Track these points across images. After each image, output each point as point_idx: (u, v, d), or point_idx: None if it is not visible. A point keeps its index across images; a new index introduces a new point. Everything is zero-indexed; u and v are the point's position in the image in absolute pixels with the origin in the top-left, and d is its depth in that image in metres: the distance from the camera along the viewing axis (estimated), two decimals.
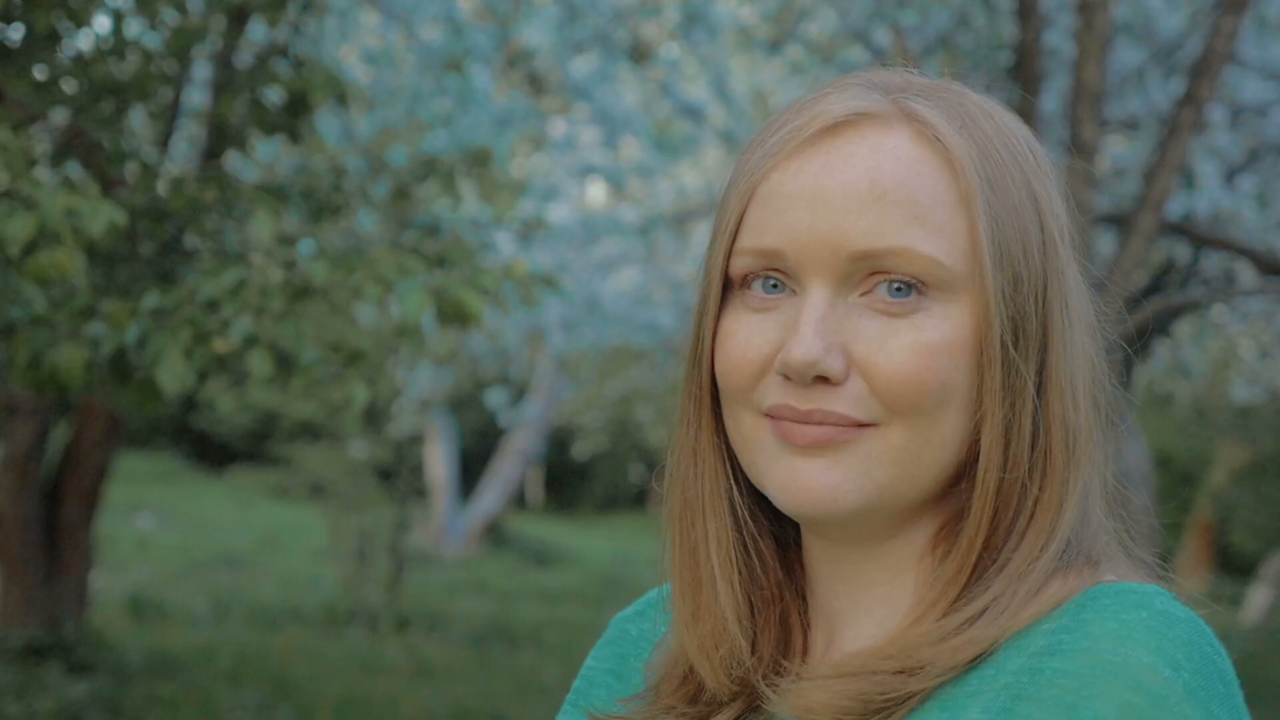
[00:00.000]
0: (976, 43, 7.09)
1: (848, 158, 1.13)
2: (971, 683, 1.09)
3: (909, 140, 1.14)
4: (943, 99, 1.18)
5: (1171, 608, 1.08)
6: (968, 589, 1.14)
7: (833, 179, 1.13)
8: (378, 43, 7.28)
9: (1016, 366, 1.13)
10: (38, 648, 8.10)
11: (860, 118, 1.15)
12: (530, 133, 8.91)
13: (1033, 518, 1.15)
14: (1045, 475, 1.15)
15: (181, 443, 25.41)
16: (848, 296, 1.13)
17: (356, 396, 4.24)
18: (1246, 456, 20.25)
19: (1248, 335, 10.98)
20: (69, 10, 4.74)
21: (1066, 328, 1.16)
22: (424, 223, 5.54)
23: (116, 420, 8.29)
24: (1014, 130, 1.19)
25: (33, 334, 4.09)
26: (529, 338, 12.72)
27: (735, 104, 8.43)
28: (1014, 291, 1.13)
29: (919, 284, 1.12)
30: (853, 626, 1.21)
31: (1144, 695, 1.02)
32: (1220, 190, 7.29)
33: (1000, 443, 1.13)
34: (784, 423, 1.15)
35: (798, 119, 1.17)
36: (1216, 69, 5.27)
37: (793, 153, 1.15)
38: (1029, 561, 1.13)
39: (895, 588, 1.19)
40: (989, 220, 1.13)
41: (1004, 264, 1.13)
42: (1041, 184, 1.18)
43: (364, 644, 11.63)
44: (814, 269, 1.13)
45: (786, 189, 1.14)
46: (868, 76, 1.20)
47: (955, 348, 1.13)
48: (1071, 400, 1.16)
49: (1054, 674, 1.05)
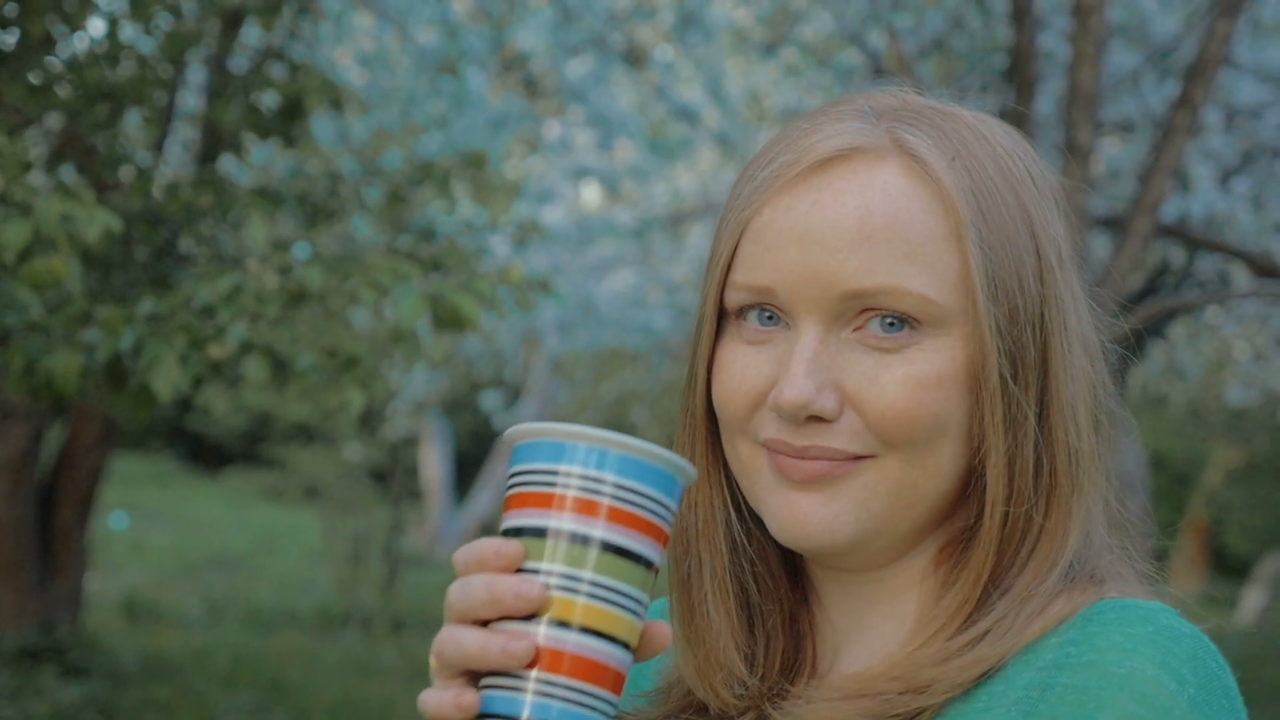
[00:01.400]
0: (971, 46, 7.09)
1: (838, 194, 1.13)
2: (981, 698, 1.10)
3: (899, 174, 1.14)
4: (935, 126, 1.17)
5: (1176, 623, 1.09)
6: (973, 614, 1.14)
7: (823, 217, 1.13)
8: (372, 45, 7.27)
9: (1017, 399, 1.13)
10: (32, 651, 8.09)
11: (851, 152, 1.15)
12: (525, 135, 8.92)
13: (1038, 544, 1.15)
14: (1050, 503, 1.15)
15: (176, 445, 25.38)
16: (840, 332, 1.14)
17: (352, 402, 4.24)
18: (1241, 458, 20.27)
19: (1242, 337, 10.99)
20: (63, 14, 4.74)
21: (1066, 352, 1.16)
22: (419, 226, 5.53)
23: (111, 423, 8.28)
24: (1009, 151, 1.19)
25: (28, 340, 4.08)
26: (524, 340, 12.72)
27: (730, 106, 8.43)
28: (1010, 324, 1.14)
29: (911, 319, 1.13)
30: (857, 643, 1.21)
31: (1149, 708, 1.03)
32: (1215, 193, 7.30)
33: (1004, 476, 1.14)
34: (780, 456, 1.16)
35: (788, 153, 1.16)
36: (1211, 72, 5.28)
37: (784, 188, 1.15)
38: (1033, 586, 1.14)
39: (898, 605, 1.20)
40: (981, 254, 1.13)
41: (999, 297, 1.13)
42: (1038, 207, 1.18)
43: (359, 646, 11.62)
44: (806, 307, 1.13)
45: (778, 226, 1.14)
46: (862, 100, 1.20)
47: (947, 380, 1.13)
48: (1074, 425, 1.16)
49: (1063, 689, 1.06)
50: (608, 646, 1.05)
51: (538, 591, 1.04)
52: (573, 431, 1.06)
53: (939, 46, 7.15)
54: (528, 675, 1.04)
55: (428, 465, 19.37)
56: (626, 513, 1.05)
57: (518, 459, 1.08)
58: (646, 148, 8.47)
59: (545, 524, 1.06)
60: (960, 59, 7.19)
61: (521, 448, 1.08)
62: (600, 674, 1.05)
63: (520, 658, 1.03)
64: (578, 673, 1.04)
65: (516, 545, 1.06)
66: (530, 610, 1.04)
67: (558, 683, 1.03)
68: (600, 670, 1.05)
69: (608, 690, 1.05)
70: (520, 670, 1.04)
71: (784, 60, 8.17)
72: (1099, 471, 1.19)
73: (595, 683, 1.04)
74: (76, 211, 3.86)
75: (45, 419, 8.34)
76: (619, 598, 1.05)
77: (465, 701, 1.04)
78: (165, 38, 5.00)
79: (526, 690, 1.04)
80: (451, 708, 1.04)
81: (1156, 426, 18.43)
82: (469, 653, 1.05)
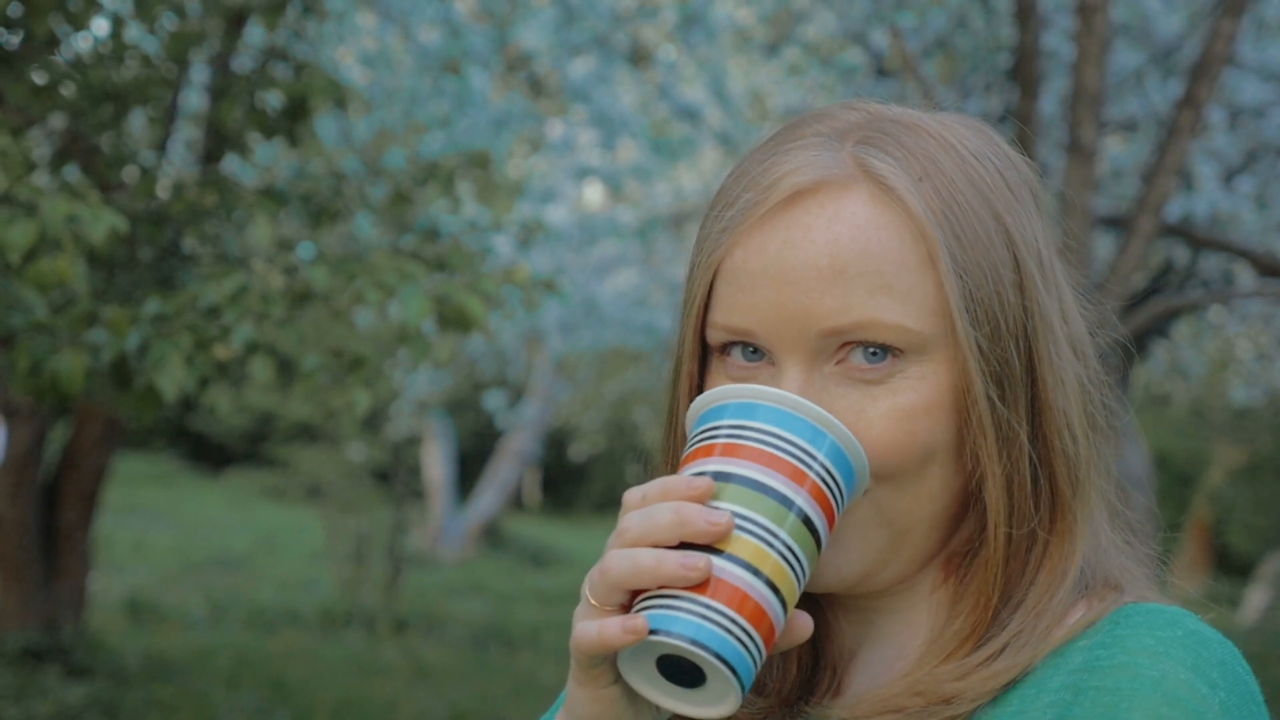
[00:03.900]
0: (975, 45, 7.09)
1: (807, 231, 1.12)
2: (1013, 702, 1.10)
3: (867, 204, 1.13)
4: (901, 145, 1.15)
5: (1202, 628, 1.09)
6: (987, 632, 1.14)
7: (794, 257, 1.12)
8: (375, 45, 7.27)
9: (1007, 420, 1.13)
10: (36, 651, 8.09)
11: (817, 185, 1.13)
12: (528, 135, 8.92)
13: (1045, 557, 1.15)
14: (1054, 517, 1.15)
15: (178, 444, 25.39)
16: (824, 367, 1.13)
17: (358, 402, 4.24)
18: (1244, 457, 20.28)
19: (1246, 337, 11.00)
20: (68, 14, 4.74)
21: (1054, 357, 1.15)
22: (423, 226, 5.53)
23: (114, 423, 8.28)
24: (978, 155, 1.17)
25: (33, 341, 4.07)
26: (527, 340, 12.72)
27: (733, 106, 8.43)
28: (993, 344, 1.12)
29: (893, 348, 1.12)
30: (871, 650, 1.21)
31: (1182, 710, 1.03)
32: (1219, 192, 7.30)
33: (1004, 499, 1.13)
34: None
35: (752, 190, 1.15)
36: (1215, 71, 5.27)
37: (752, 228, 1.14)
38: (1046, 597, 1.13)
39: (913, 615, 1.19)
40: (957, 278, 1.12)
41: (979, 319, 1.12)
42: (1012, 212, 1.16)
43: (361, 646, 11.63)
44: (787, 347, 1.13)
45: (750, 268, 1.13)
46: (824, 121, 1.18)
47: (934, 407, 1.12)
48: (1068, 431, 1.15)
49: (1096, 691, 1.06)
50: (779, 607, 1.05)
51: (726, 520, 1.04)
52: (801, 405, 1.08)
53: (942, 46, 7.15)
54: (697, 599, 1.03)
55: (430, 465, 19.37)
56: (824, 494, 1.07)
57: (731, 413, 1.09)
58: (649, 147, 8.47)
59: (751, 474, 1.06)
60: (964, 58, 7.19)
61: (741, 407, 1.09)
62: (766, 626, 1.04)
63: (699, 571, 1.02)
64: (747, 613, 1.03)
65: (708, 479, 1.06)
66: (717, 536, 1.04)
67: (725, 613, 1.02)
68: (767, 623, 1.04)
69: (764, 643, 1.04)
70: (690, 593, 1.03)
71: (787, 60, 8.17)
72: (1099, 472, 1.18)
73: (758, 628, 1.04)
74: (82, 212, 3.86)
75: (48, 419, 8.34)
76: (799, 569, 1.06)
77: (634, 625, 1.02)
78: (169, 37, 5.00)
79: (694, 613, 1.02)
80: (617, 631, 1.02)
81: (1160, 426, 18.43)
82: (643, 566, 1.03)
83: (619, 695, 1.08)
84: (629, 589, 1.05)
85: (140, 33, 5.22)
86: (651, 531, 1.04)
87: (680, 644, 1.02)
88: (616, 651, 1.05)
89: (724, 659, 1.02)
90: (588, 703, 1.08)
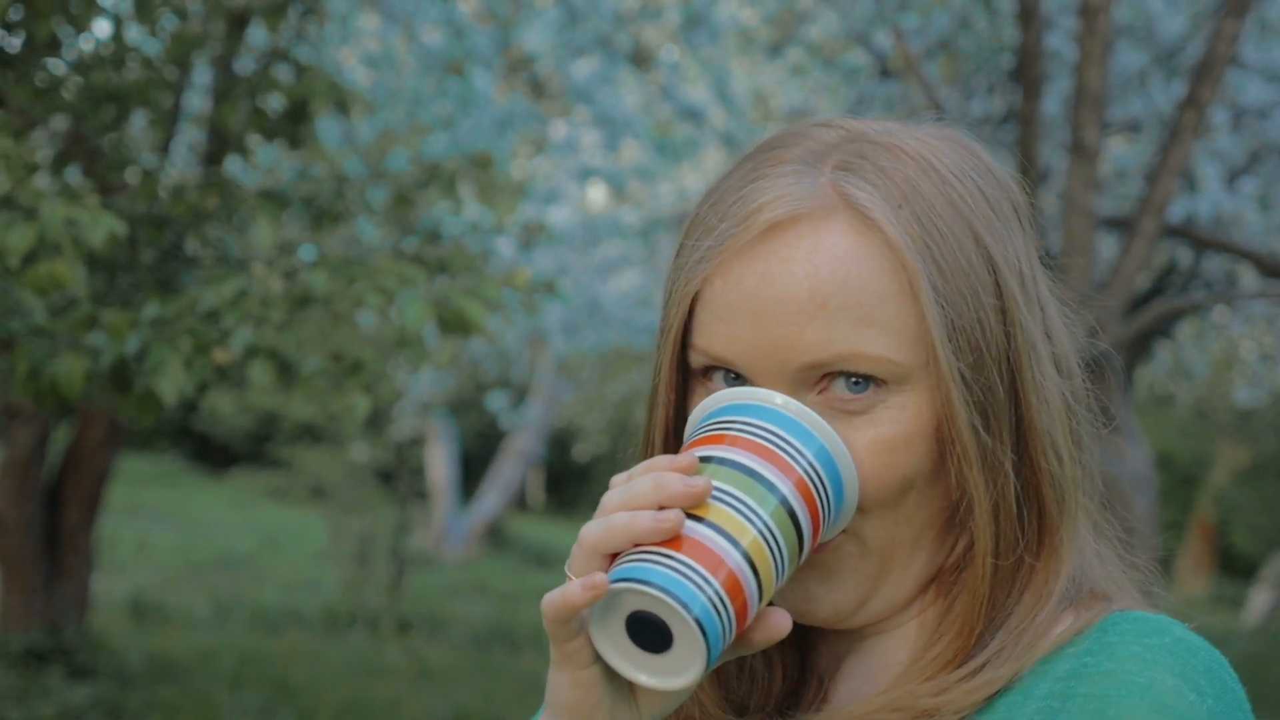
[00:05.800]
0: (978, 45, 7.08)
1: (786, 264, 1.11)
2: (1000, 710, 1.10)
3: (846, 234, 1.11)
4: (879, 169, 1.13)
5: (1190, 636, 1.09)
6: (970, 652, 1.13)
7: (773, 290, 1.10)
8: (378, 46, 7.27)
9: (991, 449, 1.11)
10: (38, 652, 8.09)
11: (796, 217, 1.12)
12: (531, 135, 8.92)
13: (1030, 579, 1.14)
14: (1041, 541, 1.14)
15: (182, 445, 25.40)
16: (805, 397, 1.12)
17: (358, 406, 4.24)
18: (1248, 458, 20.27)
19: (1249, 337, 10.99)
20: (69, 16, 4.74)
21: (1038, 379, 1.14)
22: (425, 228, 5.53)
23: (117, 424, 8.28)
24: (958, 173, 1.15)
25: (32, 344, 4.07)
26: (530, 340, 12.72)
27: (736, 107, 8.42)
28: (976, 372, 1.11)
29: (875, 378, 1.11)
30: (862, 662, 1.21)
31: (1170, 717, 1.03)
32: (1222, 193, 7.29)
33: (991, 525, 1.12)
34: None
35: (728, 220, 1.13)
36: (1218, 71, 5.26)
37: (730, 260, 1.12)
38: (1030, 617, 1.13)
39: (900, 631, 1.19)
40: (939, 308, 1.10)
41: (962, 348, 1.11)
42: (993, 233, 1.14)
43: (365, 647, 11.63)
44: (766, 379, 1.12)
45: (729, 300, 1.12)
46: (805, 142, 1.16)
47: (915, 438, 1.11)
48: (1053, 452, 1.14)
49: (1083, 698, 1.06)
50: (755, 586, 1.04)
51: (704, 482, 1.04)
52: (791, 405, 1.09)
53: (945, 47, 7.14)
54: (672, 553, 1.02)
55: (434, 465, 19.37)
56: (811, 492, 1.07)
57: (724, 413, 1.10)
58: (652, 148, 8.46)
59: (737, 459, 1.06)
60: (967, 59, 7.17)
61: (734, 407, 1.10)
62: (740, 601, 1.03)
63: (671, 524, 1.02)
64: (721, 578, 1.02)
65: (692, 456, 1.06)
66: (694, 499, 1.04)
67: (698, 570, 1.01)
68: (742, 598, 1.03)
69: (736, 618, 1.03)
70: (664, 548, 1.02)
71: (790, 60, 8.16)
72: (1084, 492, 1.18)
73: (732, 600, 1.02)
74: (81, 215, 3.86)
75: (51, 420, 8.34)
76: (779, 555, 1.05)
77: (593, 580, 1.01)
78: (171, 39, 5.01)
79: (667, 565, 1.01)
80: (578, 589, 1.01)
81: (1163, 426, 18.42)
82: (615, 525, 1.03)
83: (598, 678, 1.06)
84: (604, 553, 1.04)
85: (142, 35, 5.22)
86: (631, 499, 1.04)
87: (649, 590, 1.00)
88: (585, 617, 1.04)
89: (693, 614, 1.00)
90: (567, 688, 1.06)
